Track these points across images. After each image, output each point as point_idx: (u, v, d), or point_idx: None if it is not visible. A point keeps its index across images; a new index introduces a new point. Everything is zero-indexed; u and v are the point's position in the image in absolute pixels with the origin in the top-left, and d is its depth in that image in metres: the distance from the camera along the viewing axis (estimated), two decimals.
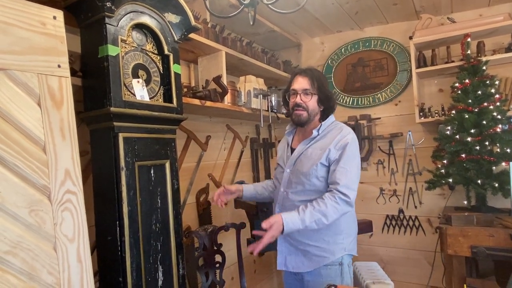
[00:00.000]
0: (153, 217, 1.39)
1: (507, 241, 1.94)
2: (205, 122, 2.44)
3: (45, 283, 0.99)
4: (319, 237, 1.56)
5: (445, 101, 2.65)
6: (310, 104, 1.59)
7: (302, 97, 1.58)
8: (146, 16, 1.41)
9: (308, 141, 1.62)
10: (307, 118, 1.60)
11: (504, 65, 2.49)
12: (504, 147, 2.15)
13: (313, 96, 1.59)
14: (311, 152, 1.59)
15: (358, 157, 1.57)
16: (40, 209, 0.99)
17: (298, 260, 1.61)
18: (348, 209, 1.49)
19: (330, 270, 1.56)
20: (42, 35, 1.05)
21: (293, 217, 1.43)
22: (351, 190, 1.48)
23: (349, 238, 1.62)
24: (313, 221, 1.43)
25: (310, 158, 1.57)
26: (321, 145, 1.57)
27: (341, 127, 1.62)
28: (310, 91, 1.58)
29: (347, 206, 1.48)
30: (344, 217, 1.56)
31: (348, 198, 1.46)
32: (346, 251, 1.59)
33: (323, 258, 1.56)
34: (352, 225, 1.66)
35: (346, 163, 1.50)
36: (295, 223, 1.42)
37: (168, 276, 1.44)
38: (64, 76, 1.09)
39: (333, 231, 1.56)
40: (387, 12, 2.69)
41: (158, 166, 1.44)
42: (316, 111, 1.62)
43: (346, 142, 1.53)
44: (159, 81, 1.49)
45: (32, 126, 1.00)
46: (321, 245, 1.57)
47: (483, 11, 2.59)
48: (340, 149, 1.53)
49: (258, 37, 2.84)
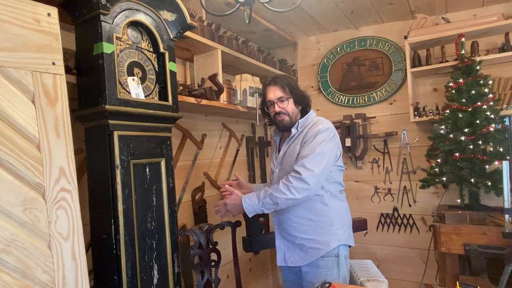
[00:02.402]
0: (148, 215, 1.39)
1: (499, 239, 1.96)
2: (200, 120, 2.44)
3: (39, 281, 0.98)
4: (313, 230, 1.64)
5: (439, 100, 2.67)
6: (289, 108, 1.68)
7: (280, 104, 1.68)
8: (142, 13, 1.40)
9: (289, 140, 1.71)
10: (290, 121, 1.69)
11: (498, 65, 2.51)
12: (497, 146, 2.17)
13: (289, 100, 1.68)
14: (292, 149, 1.67)
15: (327, 145, 1.57)
16: (34, 207, 0.99)
17: (296, 254, 1.68)
18: (302, 186, 1.50)
19: (327, 261, 1.62)
20: (36, 32, 1.04)
21: (250, 195, 1.60)
22: (305, 169, 1.51)
23: (342, 228, 1.67)
24: (266, 196, 1.54)
25: (292, 155, 1.65)
26: (299, 141, 1.65)
27: (317, 120, 1.68)
28: (284, 97, 1.67)
29: (299, 182, 1.50)
30: (334, 209, 1.66)
31: (299, 175, 1.50)
32: (340, 241, 1.64)
33: (319, 250, 1.62)
34: (343, 216, 1.71)
35: (310, 148, 1.56)
36: (251, 198, 1.58)
37: (163, 274, 1.44)
38: (58, 73, 1.09)
39: (324, 222, 1.64)
40: (382, 12, 2.71)
41: (153, 164, 1.43)
42: (296, 112, 1.71)
43: (315, 132, 1.59)
44: (154, 79, 1.49)
45: (26, 124, 0.99)
46: (315, 238, 1.63)
47: (477, 11, 2.62)
48: (310, 138, 1.59)
49: (254, 36, 2.84)
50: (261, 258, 3.07)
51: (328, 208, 1.64)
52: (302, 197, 1.53)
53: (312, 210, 1.64)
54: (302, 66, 3.29)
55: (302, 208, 1.64)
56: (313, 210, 1.64)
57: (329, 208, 1.64)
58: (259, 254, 2.95)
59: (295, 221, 1.66)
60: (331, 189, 1.66)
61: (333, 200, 1.67)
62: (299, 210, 1.65)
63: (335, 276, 1.62)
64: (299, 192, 1.51)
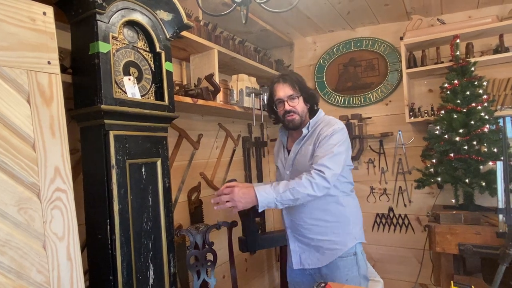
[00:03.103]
0: (144, 216, 1.39)
1: (493, 239, 1.98)
2: (197, 120, 2.43)
3: (34, 281, 0.98)
4: (330, 231, 1.61)
5: (434, 101, 2.69)
6: (299, 107, 1.63)
7: (290, 103, 1.62)
8: (138, 13, 1.40)
9: (301, 140, 1.66)
10: (300, 121, 1.64)
11: (492, 66, 2.53)
12: (491, 146, 2.19)
13: (299, 98, 1.63)
14: (304, 150, 1.63)
15: (343, 145, 1.55)
16: (29, 207, 0.98)
17: (313, 256, 1.65)
18: (324, 185, 1.45)
19: (346, 261, 1.60)
20: (31, 31, 1.03)
21: (265, 187, 1.45)
22: (327, 168, 1.46)
23: (357, 226, 1.67)
24: (287, 190, 1.42)
25: (305, 155, 1.61)
26: (312, 141, 1.61)
27: (329, 120, 1.64)
28: (295, 95, 1.62)
29: (322, 181, 1.45)
30: (349, 208, 1.63)
31: (323, 174, 1.45)
32: (357, 240, 1.63)
33: (337, 251, 1.60)
34: (357, 213, 1.70)
35: (327, 148, 1.52)
36: (267, 190, 1.43)
37: (159, 275, 1.43)
38: (54, 73, 1.08)
39: (341, 222, 1.61)
40: (378, 13, 2.72)
41: (149, 164, 1.43)
42: (306, 111, 1.67)
43: (331, 132, 1.55)
44: (150, 79, 1.49)
45: (21, 123, 0.99)
46: (332, 238, 1.60)
47: (472, 13, 2.64)
48: (326, 137, 1.55)
49: (251, 36, 2.84)
50: (257, 258, 3.07)
51: (344, 207, 1.63)
52: (320, 195, 1.47)
53: (328, 211, 1.61)
54: (298, 66, 3.29)
55: (318, 210, 1.61)
56: (329, 211, 1.61)
57: (344, 208, 1.63)
58: (255, 254, 2.95)
59: (311, 223, 1.63)
60: (344, 189, 1.65)
61: (347, 199, 1.66)
62: (314, 211, 1.62)
63: (355, 274, 1.60)
64: (320, 189, 1.45)
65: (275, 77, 1.71)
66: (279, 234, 2.44)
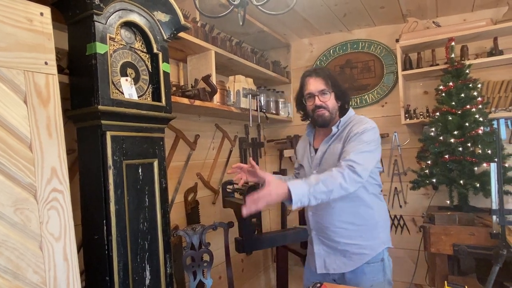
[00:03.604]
0: (140, 216, 1.39)
1: (487, 240, 2.00)
2: (194, 121, 2.44)
3: (30, 282, 0.98)
4: (357, 235, 1.55)
5: (429, 103, 2.71)
6: (330, 103, 1.57)
7: (321, 98, 1.57)
8: (135, 14, 1.40)
9: (330, 139, 1.60)
10: (329, 117, 1.58)
11: (486, 69, 2.56)
12: (485, 148, 2.21)
13: (331, 94, 1.58)
14: (333, 148, 1.56)
15: (374, 143, 1.48)
16: (25, 207, 0.98)
17: (339, 261, 1.58)
18: (356, 178, 1.37)
19: (373, 267, 1.55)
20: (28, 31, 1.03)
21: (299, 183, 1.34)
22: (357, 163, 1.38)
23: (386, 230, 1.62)
24: (319, 182, 1.33)
25: (334, 154, 1.54)
26: (341, 139, 1.55)
27: (361, 118, 1.58)
28: (327, 90, 1.56)
29: (354, 174, 1.37)
30: (378, 211, 1.57)
31: (353, 168, 1.37)
32: (385, 244, 1.58)
33: (365, 256, 1.54)
34: (386, 217, 1.66)
35: (358, 142, 1.45)
36: (298, 185, 1.32)
37: (155, 275, 1.43)
38: (51, 73, 1.08)
39: (368, 225, 1.56)
40: (374, 15, 2.74)
41: (146, 165, 1.43)
42: (336, 108, 1.60)
43: (362, 129, 1.48)
44: (147, 80, 1.49)
45: (18, 124, 0.99)
46: (359, 243, 1.54)
47: (467, 16, 2.66)
48: (354, 135, 1.48)
49: (248, 37, 2.85)
50: (254, 258, 3.08)
51: (373, 210, 1.56)
52: (352, 190, 1.38)
53: (357, 214, 1.55)
54: (295, 68, 3.30)
55: (347, 212, 1.55)
56: (359, 214, 1.55)
57: (373, 211, 1.56)
58: (251, 254, 2.95)
59: (339, 226, 1.56)
60: (374, 191, 1.59)
61: (377, 201, 1.60)
62: (343, 214, 1.56)
63: (380, 281, 1.55)
64: (352, 183, 1.36)
65: (306, 71, 1.64)
66: (275, 234, 2.45)
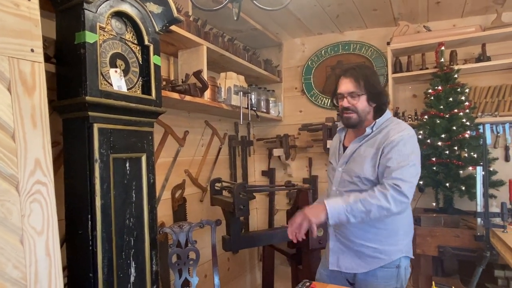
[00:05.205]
0: (127, 212, 1.36)
1: (471, 242, 2.04)
2: (183, 117, 2.40)
3: (10, 277, 0.93)
4: (376, 239, 1.50)
5: (418, 106, 2.74)
6: (359, 105, 1.50)
7: (349, 100, 1.51)
8: (127, 4, 1.36)
9: (361, 139, 1.54)
10: (357, 120, 1.52)
11: (474, 74, 2.61)
12: (471, 152, 2.25)
13: (361, 96, 1.49)
14: (364, 151, 1.51)
15: (414, 154, 1.44)
16: (6, 199, 0.94)
17: (352, 260, 1.55)
18: (401, 199, 1.35)
19: (387, 272, 1.50)
20: (15, 16, 0.99)
21: (335, 200, 1.39)
22: (403, 181, 1.35)
23: (407, 239, 1.56)
24: (358, 201, 1.35)
25: (363, 157, 1.49)
26: (375, 143, 1.48)
27: (397, 123, 1.52)
28: (356, 93, 1.49)
29: (399, 195, 1.34)
30: (402, 217, 1.50)
31: (399, 187, 1.34)
32: (403, 253, 1.52)
33: (379, 260, 1.50)
34: (410, 225, 1.59)
35: (398, 157, 1.40)
36: (337, 203, 1.37)
37: (140, 272, 1.40)
38: (37, 61, 1.04)
39: (388, 230, 1.50)
40: (367, 17, 2.76)
41: (134, 159, 1.40)
42: (367, 110, 1.52)
43: (400, 138, 1.42)
44: (137, 72, 1.45)
45: (1, 112, 0.94)
46: (377, 246, 1.50)
47: (456, 21, 2.71)
48: (394, 145, 1.42)
49: (240, 34, 2.83)
50: (239, 257, 3.06)
51: (397, 217, 1.47)
52: (397, 210, 1.36)
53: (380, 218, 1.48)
54: (286, 67, 3.30)
55: None
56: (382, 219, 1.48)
57: (397, 217, 1.47)
58: (237, 253, 2.93)
59: (359, 227, 1.50)
60: None
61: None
62: None
63: (393, 287, 1.51)
64: (396, 204, 1.34)
65: (342, 69, 1.59)
66: (262, 233, 2.44)
